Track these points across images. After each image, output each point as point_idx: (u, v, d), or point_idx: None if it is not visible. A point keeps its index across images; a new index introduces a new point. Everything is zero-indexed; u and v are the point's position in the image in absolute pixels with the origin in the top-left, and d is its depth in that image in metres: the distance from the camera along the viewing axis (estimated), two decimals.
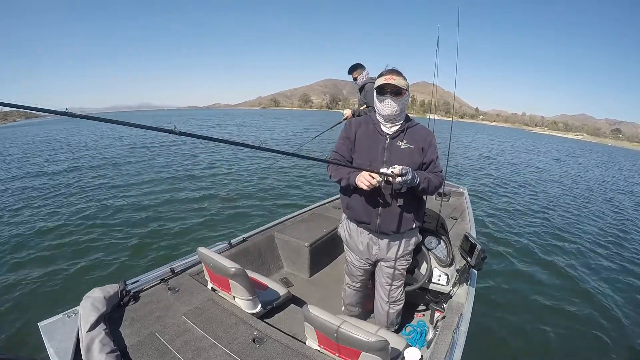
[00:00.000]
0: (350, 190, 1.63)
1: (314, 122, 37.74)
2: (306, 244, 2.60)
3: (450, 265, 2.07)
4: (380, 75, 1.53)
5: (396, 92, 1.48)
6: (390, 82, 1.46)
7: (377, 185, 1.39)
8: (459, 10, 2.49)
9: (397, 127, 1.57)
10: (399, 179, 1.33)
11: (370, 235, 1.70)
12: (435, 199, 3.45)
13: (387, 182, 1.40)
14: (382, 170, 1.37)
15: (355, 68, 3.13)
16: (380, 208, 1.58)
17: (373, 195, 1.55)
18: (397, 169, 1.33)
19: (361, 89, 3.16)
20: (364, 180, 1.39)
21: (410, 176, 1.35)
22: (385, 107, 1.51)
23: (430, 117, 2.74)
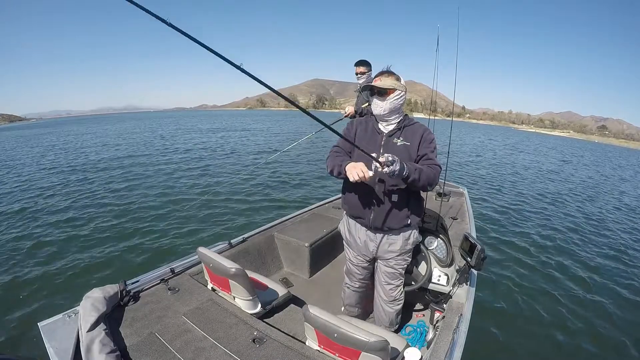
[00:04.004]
0: (348, 186, 1.66)
1: (296, 124, 35.09)
2: (306, 244, 2.60)
3: (450, 265, 2.07)
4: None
5: (381, 92, 1.53)
6: (374, 84, 1.53)
7: (367, 178, 1.37)
8: (458, 10, 2.49)
9: (394, 125, 1.62)
10: (386, 169, 1.30)
11: (368, 232, 1.71)
12: (435, 199, 3.45)
13: (379, 178, 1.38)
14: (373, 154, 1.36)
15: (365, 64, 2.98)
16: (374, 203, 1.61)
17: (368, 191, 1.60)
18: (384, 157, 1.30)
19: (363, 88, 3.15)
20: (352, 170, 1.37)
21: (398, 166, 1.31)
22: (374, 107, 1.58)
23: (430, 117, 2.74)
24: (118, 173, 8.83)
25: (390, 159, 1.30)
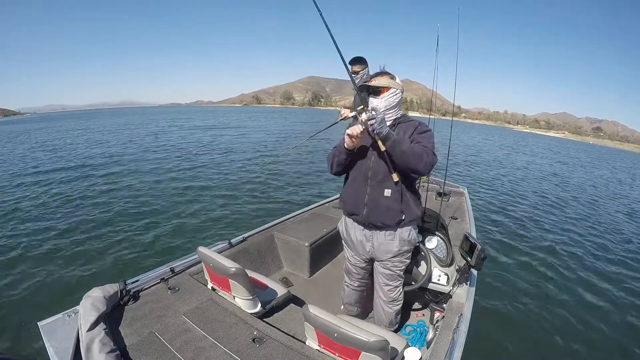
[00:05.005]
0: (345, 183, 1.74)
1: (292, 121, 34.77)
2: (306, 244, 2.60)
3: (450, 265, 2.07)
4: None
5: (376, 91, 1.59)
6: (369, 84, 1.59)
7: (359, 133, 1.44)
8: (459, 10, 2.49)
9: (389, 122, 1.62)
10: (371, 121, 1.38)
11: (365, 231, 1.72)
12: (435, 199, 3.45)
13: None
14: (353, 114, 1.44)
15: (360, 61, 2.84)
16: (367, 198, 1.63)
17: (362, 186, 1.63)
18: (365, 115, 1.39)
19: (360, 89, 3.12)
20: (349, 134, 1.46)
21: (377, 121, 1.38)
22: (370, 105, 1.61)
23: (430, 116, 2.74)
24: (116, 171, 8.79)
25: (372, 114, 1.38)
